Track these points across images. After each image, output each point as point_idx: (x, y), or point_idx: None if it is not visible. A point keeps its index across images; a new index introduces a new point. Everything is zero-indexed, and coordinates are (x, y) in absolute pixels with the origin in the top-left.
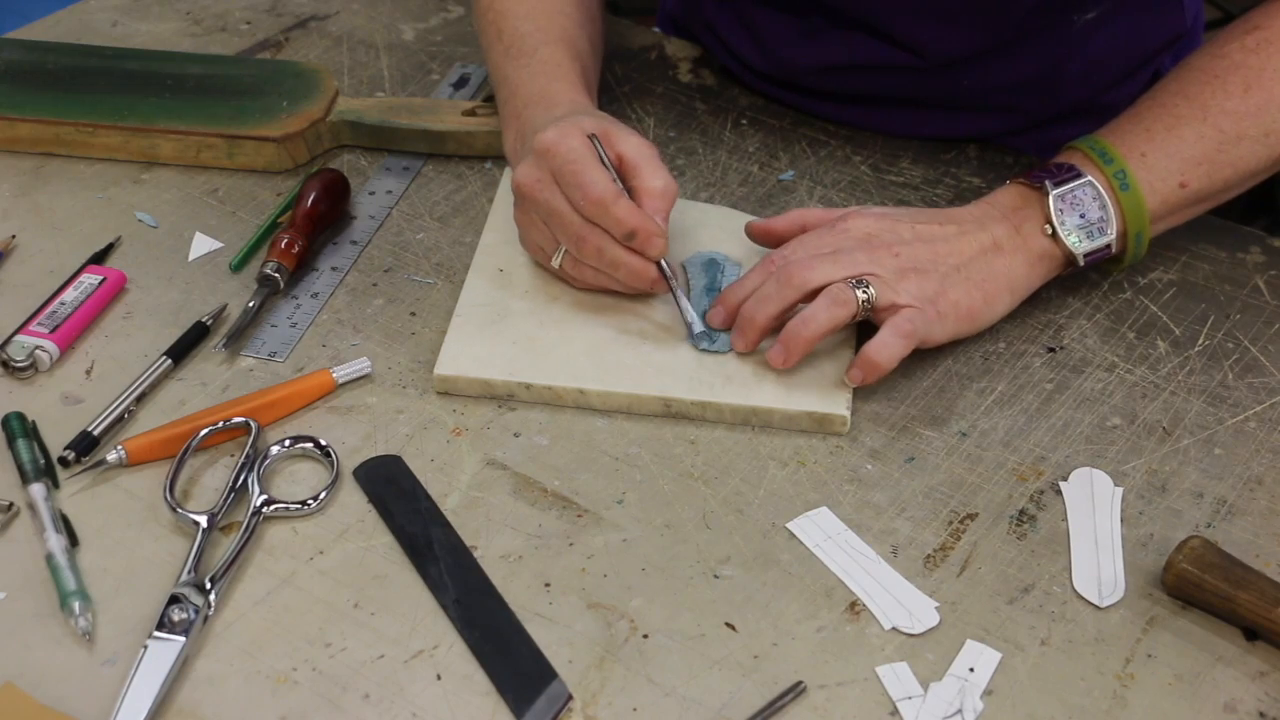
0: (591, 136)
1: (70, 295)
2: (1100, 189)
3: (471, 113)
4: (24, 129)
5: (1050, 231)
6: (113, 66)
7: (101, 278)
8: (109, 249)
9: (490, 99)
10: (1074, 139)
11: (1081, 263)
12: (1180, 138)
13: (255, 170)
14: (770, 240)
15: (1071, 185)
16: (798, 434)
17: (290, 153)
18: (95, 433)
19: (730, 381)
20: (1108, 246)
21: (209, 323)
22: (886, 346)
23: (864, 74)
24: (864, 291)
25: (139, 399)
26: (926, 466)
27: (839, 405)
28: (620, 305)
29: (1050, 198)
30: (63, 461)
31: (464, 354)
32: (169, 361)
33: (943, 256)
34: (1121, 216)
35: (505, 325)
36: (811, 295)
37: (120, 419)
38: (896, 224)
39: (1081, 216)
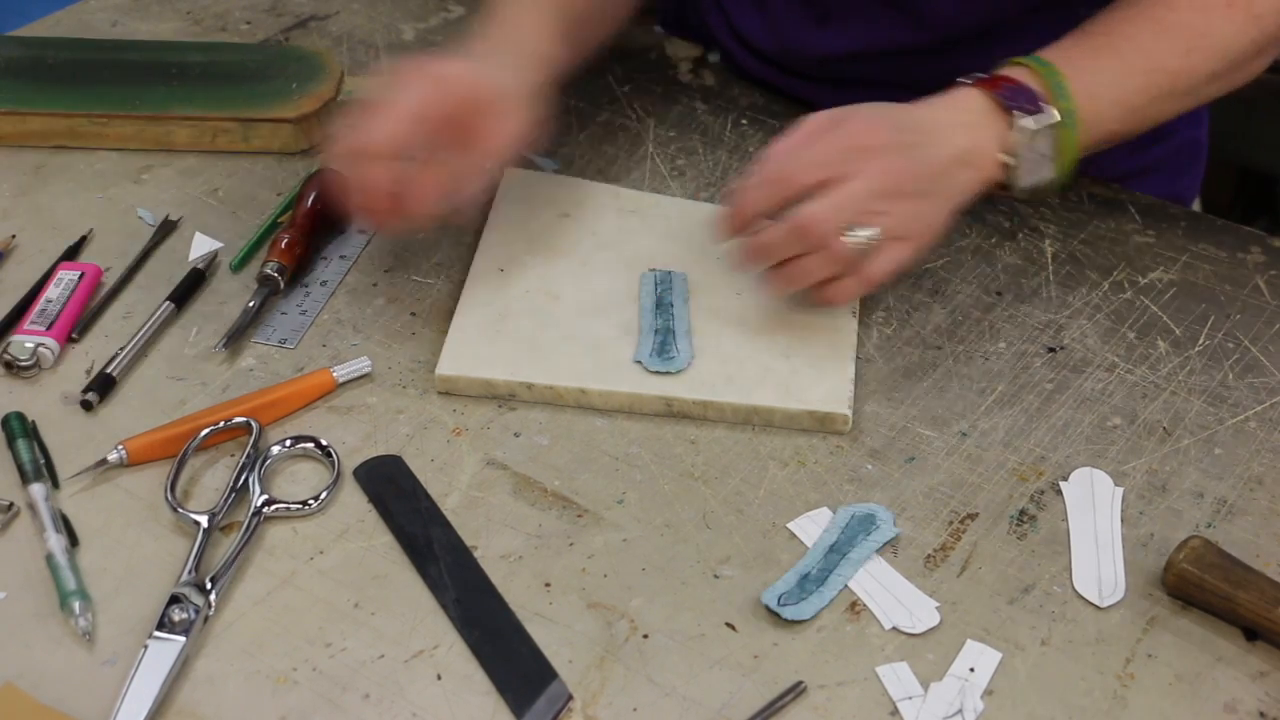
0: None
1: (54, 293)
2: (1053, 126)
3: None
4: (35, 123)
5: (1007, 162)
6: (115, 58)
7: (79, 273)
8: (81, 243)
9: None
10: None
11: (1020, 195)
12: (1124, 88)
13: (270, 152)
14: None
15: (1041, 121)
16: (798, 433)
17: (306, 133)
18: (113, 374)
19: (732, 381)
20: (1041, 185)
21: (204, 268)
22: (847, 290)
23: (869, 62)
24: (862, 235)
25: (147, 343)
26: (927, 466)
27: (840, 404)
28: (622, 305)
29: (1018, 130)
30: (85, 405)
31: (465, 354)
32: (171, 306)
33: (922, 175)
34: (1060, 155)
35: (506, 325)
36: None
37: (132, 365)
38: (878, 132)
39: (1038, 153)
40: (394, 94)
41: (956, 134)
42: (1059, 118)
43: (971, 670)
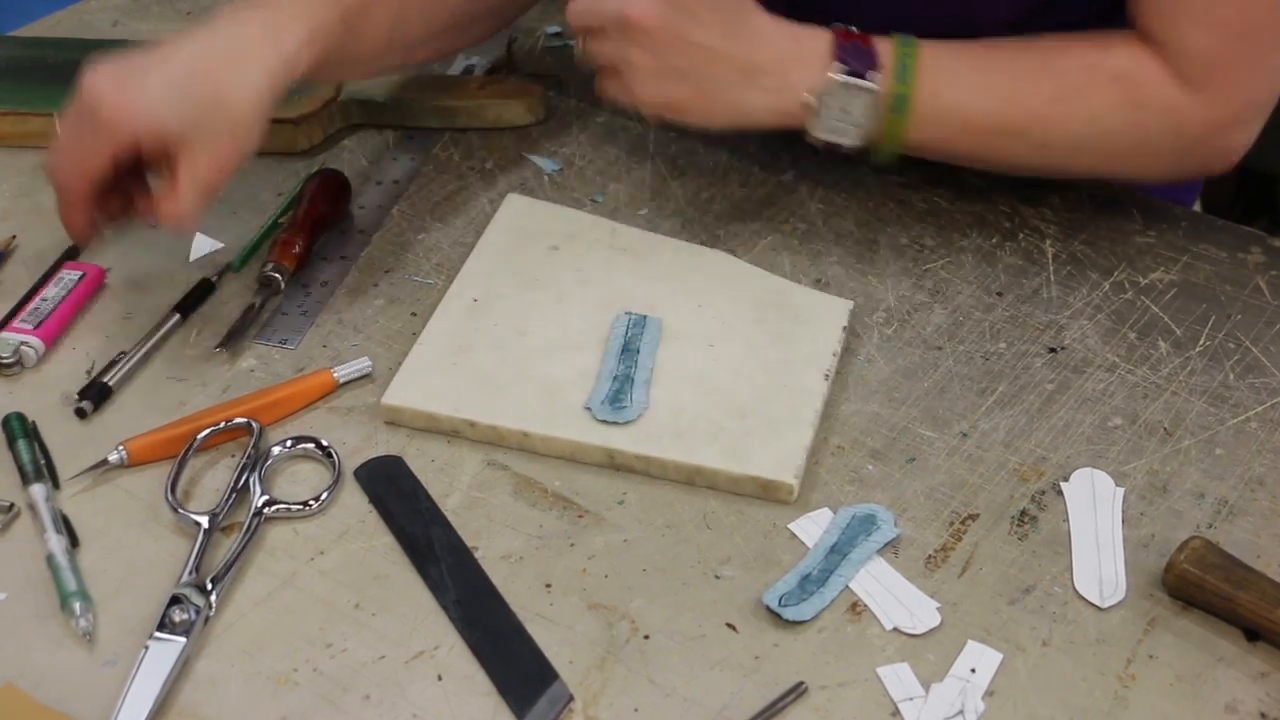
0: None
1: (51, 292)
2: (873, 98)
3: (482, 86)
4: (35, 123)
5: (807, 102)
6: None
7: (81, 273)
8: None
9: (493, 69)
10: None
11: (815, 143)
12: (975, 105)
13: (270, 153)
14: None
15: (858, 84)
16: None
17: (306, 134)
18: (110, 383)
19: (680, 438)
20: (841, 147)
21: (215, 279)
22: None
23: None
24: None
25: (148, 353)
26: (927, 467)
27: (786, 473)
28: (589, 346)
29: (830, 77)
30: (79, 412)
31: (415, 385)
32: (178, 316)
33: (718, 59)
34: (880, 133)
35: (465, 359)
36: None
37: (131, 373)
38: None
39: (844, 111)
40: (78, 138)
41: (766, 53)
42: (877, 89)
43: (973, 671)
